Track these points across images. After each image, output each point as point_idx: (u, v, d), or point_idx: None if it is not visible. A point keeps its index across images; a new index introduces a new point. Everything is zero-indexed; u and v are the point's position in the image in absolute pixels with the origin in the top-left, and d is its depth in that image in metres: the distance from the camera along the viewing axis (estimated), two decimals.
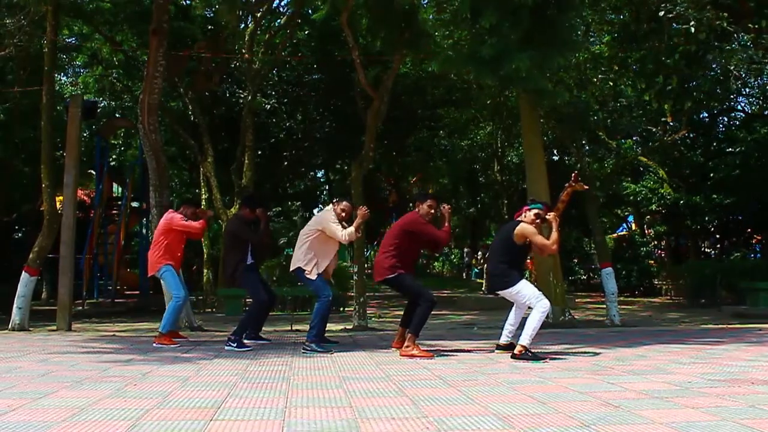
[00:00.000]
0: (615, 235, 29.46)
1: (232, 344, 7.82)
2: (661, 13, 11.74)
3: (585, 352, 7.34)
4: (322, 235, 7.90)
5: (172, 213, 8.83)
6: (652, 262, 23.80)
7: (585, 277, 26.08)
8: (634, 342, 8.41)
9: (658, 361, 6.45)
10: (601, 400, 4.45)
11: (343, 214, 8.06)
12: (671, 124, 14.84)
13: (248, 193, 15.08)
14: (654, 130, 15.59)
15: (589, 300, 19.57)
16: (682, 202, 21.43)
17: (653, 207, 22.69)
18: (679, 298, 20.22)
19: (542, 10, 9.83)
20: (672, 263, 23.83)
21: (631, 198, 23.43)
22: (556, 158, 25.68)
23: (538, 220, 7.31)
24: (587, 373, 5.71)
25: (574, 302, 16.32)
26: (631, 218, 30.65)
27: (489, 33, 9.62)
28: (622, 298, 14.25)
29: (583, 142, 17.05)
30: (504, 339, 7.53)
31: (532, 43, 9.37)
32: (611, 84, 13.89)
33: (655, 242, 27.51)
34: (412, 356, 6.95)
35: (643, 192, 22.50)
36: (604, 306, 12.78)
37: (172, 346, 8.15)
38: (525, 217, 7.35)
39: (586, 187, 14.14)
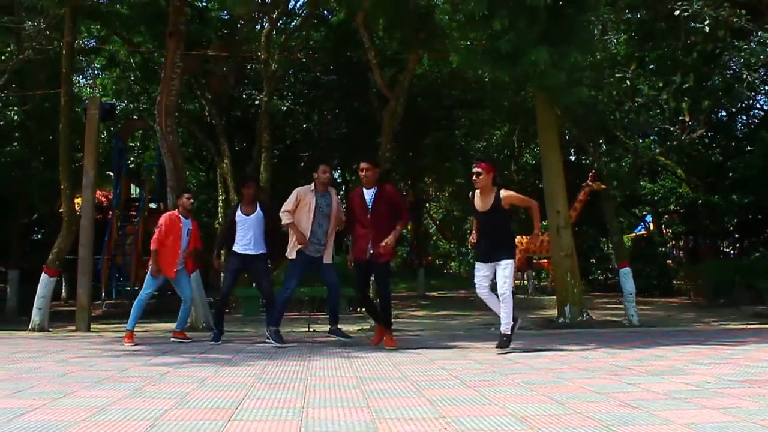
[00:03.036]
0: (633, 234, 29.31)
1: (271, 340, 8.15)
2: (678, 12, 11.67)
3: (603, 353, 7.30)
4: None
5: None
6: (671, 262, 23.64)
7: (602, 277, 25.96)
8: (652, 342, 8.35)
9: (676, 362, 6.41)
10: (620, 400, 4.42)
11: (325, 176, 8.18)
12: (689, 122, 14.72)
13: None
14: (672, 129, 15.45)
15: (606, 300, 19.47)
16: (700, 201, 21.29)
17: (671, 206, 22.57)
18: (697, 299, 20.09)
19: (559, 9, 9.81)
20: (690, 263, 23.66)
21: (649, 197, 23.30)
22: (572, 158, 25.58)
23: (473, 177, 7.49)
24: (605, 374, 5.68)
25: (592, 302, 16.25)
26: (649, 218, 30.47)
27: (506, 31, 9.61)
28: (639, 298, 14.15)
29: (600, 141, 16.97)
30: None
31: (549, 42, 9.35)
32: (628, 83, 13.80)
33: (674, 242, 27.35)
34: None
35: (661, 191, 22.38)
36: (622, 306, 12.71)
37: (187, 341, 8.34)
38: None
39: (604, 186, 14.20)
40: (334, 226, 8.29)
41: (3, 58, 13.59)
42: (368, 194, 7.88)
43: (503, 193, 7.49)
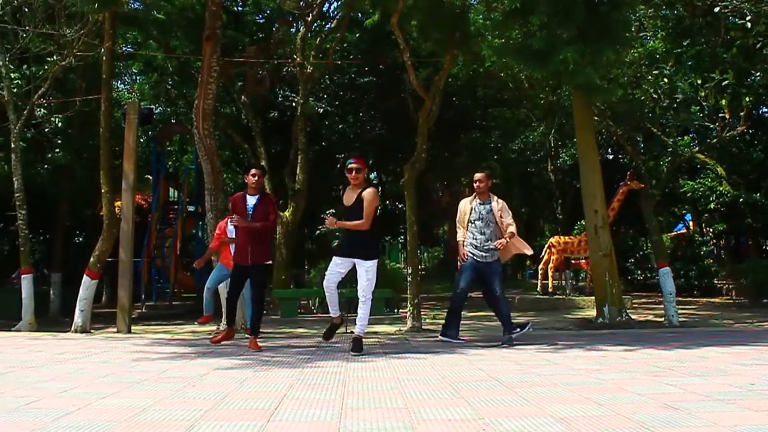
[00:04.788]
0: (672, 234, 28.91)
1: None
2: (716, 8, 11.50)
3: (643, 353, 7.21)
4: None
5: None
6: (712, 261, 23.27)
7: (642, 277, 25.63)
8: (694, 343, 8.23)
9: (718, 363, 6.31)
10: (661, 402, 4.37)
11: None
12: (729, 119, 14.47)
13: None
14: (711, 126, 15.22)
15: (646, 300, 19.24)
16: (741, 199, 20.92)
17: (712, 205, 22.18)
18: (740, 298, 19.75)
19: (595, 6, 9.73)
20: (732, 262, 23.26)
21: (689, 196, 22.96)
22: (610, 157, 25.31)
23: (348, 174, 7.64)
24: (645, 375, 5.61)
25: (631, 302, 16.06)
26: (688, 217, 30.02)
27: (540, 29, 9.57)
28: (680, 299, 13.98)
29: (638, 139, 16.76)
30: None
31: (585, 39, 9.28)
32: (666, 80, 13.62)
33: (714, 241, 26.91)
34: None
35: (701, 190, 22.03)
36: (662, 306, 12.55)
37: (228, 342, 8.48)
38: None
39: (642, 185, 14.02)
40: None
41: (46, 67, 13.81)
42: (250, 201, 8.22)
43: (367, 192, 7.56)
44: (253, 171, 8.43)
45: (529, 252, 8.78)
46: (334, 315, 8.01)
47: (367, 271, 7.46)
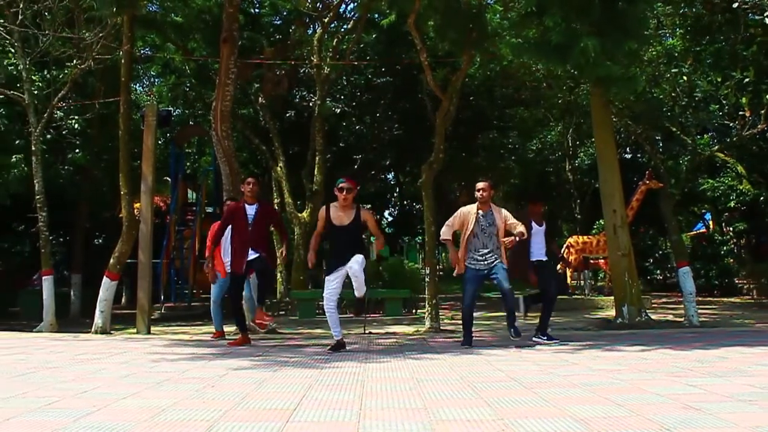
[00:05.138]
0: (692, 233, 28.71)
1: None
2: (736, 4, 11.40)
3: (662, 353, 7.16)
4: None
5: None
6: (732, 260, 23.09)
7: (661, 277, 25.48)
8: (714, 343, 8.16)
9: (739, 363, 6.26)
10: (681, 402, 4.34)
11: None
12: (749, 118, 14.35)
13: None
14: (731, 124, 15.11)
15: (666, 300, 19.12)
16: (762, 198, 20.75)
17: (732, 204, 22.02)
18: (761, 298, 19.58)
19: (612, 2, 9.68)
20: (753, 262, 23.06)
21: (709, 195, 22.80)
22: (628, 156, 25.18)
23: (339, 194, 7.76)
24: (665, 375, 5.57)
25: (651, 302, 15.96)
26: (708, 216, 29.80)
27: (556, 25, 9.52)
28: (700, 298, 13.88)
29: (657, 138, 16.66)
30: None
31: (602, 34, 9.23)
32: (685, 79, 13.53)
33: (735, 240, 26.70)
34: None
35: (721, 188, 21.87)
36: (682, 306, 12.46)
37: (245, 346, 8.45)
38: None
39: (661, 184, 13.93)
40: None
41: (66, 71, 13.92)
42: (250, 210, 8.43)
43: (366, 213, 8.00)
44: (248, 180, 8.60)
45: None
46: (338, 336, 7.95)
47: (357, 261, 7.60)
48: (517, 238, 8.23)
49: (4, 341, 9.78)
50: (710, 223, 29.03)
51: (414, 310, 15.53)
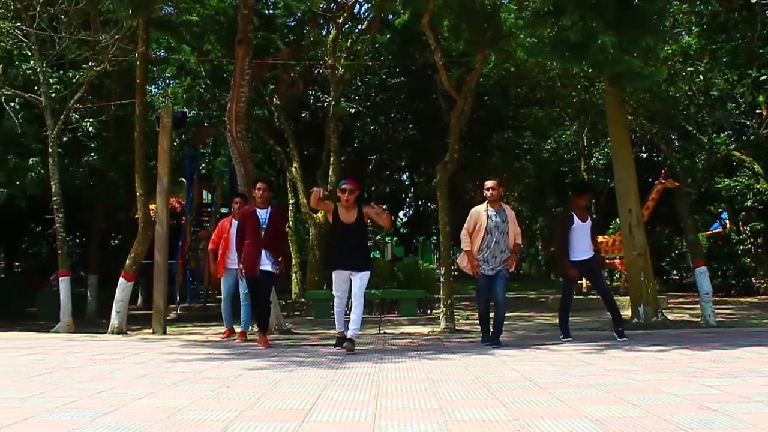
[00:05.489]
0: (708, 232, 28.51)
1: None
2: (753, 0, 11.31)
3: (679, 354, 7.12)
4: None
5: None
6: (749, 260, 22.93)
7: (678, 277, 25.33)
8: (731, 343, 8.10)
9: (756, 363, 6.21)
10: (698, 403, 4.31)
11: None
12: (766, 116, 14.23)
13: None
14: (748, 123, 15.00)
15: (682, 300, 19.00)
16: None
17: (748, 203, 21.87)
18: None
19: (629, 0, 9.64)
20: None
21: (725, 194, 22.64)
22: (644, 155, 25.05)
23: (341, 195, 7.99)
24: (682, 375, 5.54)
25: (667, 302, 15.86)
26: (725, 215, 29.60)
27: (573, 24, 9.49)
28: (717, 298, 13.77)
29: (673, 137, 16.55)
30: None
31: (619, 31, 9.18)
32: (701, 77, 13.44)
33: (752, 239, 26.51)
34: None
35: (738, 187, 21.72)
36: (698, 306, 12.38)
37: (263, 347, 8.43)
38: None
39: (677, 183, 13.84)
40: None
41: (81, 73, 14.01)
42: (262, 214, 8.59)
43: (365, 208, 8.18)
44: (258, 185, 8.73)
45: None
46: (341, 330, 8.20)
47: (361, 278, 7.88)
48: (516, 253, 8.49)
49: (22, 341, 9.86)
50: (727, 222, 28.84)
51: (429, 311, 15.52)
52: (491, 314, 8.55)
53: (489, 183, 8.53)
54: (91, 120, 15.76)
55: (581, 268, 8.91)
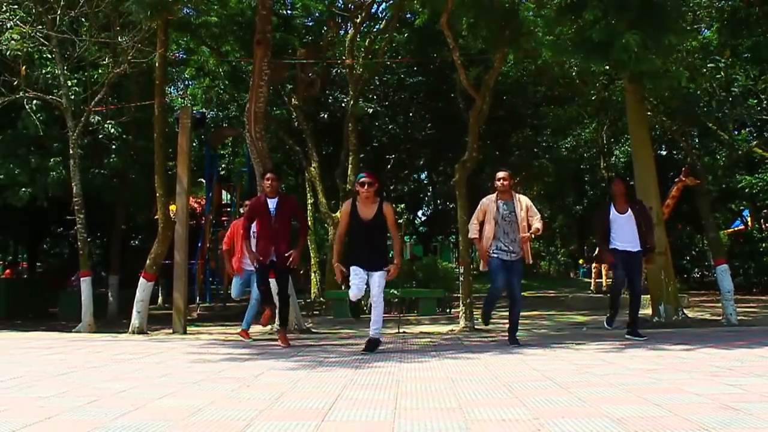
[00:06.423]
0: (730, 230, 28.29)
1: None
2: None
3: (700, 353, 7.06)
4: None
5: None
6: None
7: (698, 275, 25.15)
8: (754, 342, 8.03)
9: None
10: (720, 402, 4.26)
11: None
12: None
13: None
14: None
15: (703, 299, 18.85)
16: None
17: None
18: None
19: None
20: None
21: (747, 191, 22.45)
22: (664, 153, 24.89)
23: (360, 188, 7.77)
24: (703, 375, 5.49)
25: (688, 301, 15.75)
26: (746, 213, 29.35)
27: (595, 22, 9.43)
28: (738, 297, 13.65)
29: (693, 134, 16.42)
30: None
31: (642, 29, 9.12)
32: (722, 73, 13.33)
33: None
34: None
35: (760, 185, 21.53)
36: (720, 305, 12.27)
37: (282, 346, 8.44)
38: None
39: (698, 181, 13.74)
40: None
41: (100, 71, 14.12)
42: (271, 203, 8.44)
43: (387, 206, 7.93)
44: (267, 175, 8.66)
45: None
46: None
47: (380, 277, 7.72)
48: (533, 235, 8.24)
49: (44, 341, 9.95)
50: (748, 220, 28.59)
51: (448, 310, 15.50)
52: (494, 311, 8.54)
53: (500, 174, 8.42)
54: (112, 122, 15.89)
55: (623, 258, 8.70)
